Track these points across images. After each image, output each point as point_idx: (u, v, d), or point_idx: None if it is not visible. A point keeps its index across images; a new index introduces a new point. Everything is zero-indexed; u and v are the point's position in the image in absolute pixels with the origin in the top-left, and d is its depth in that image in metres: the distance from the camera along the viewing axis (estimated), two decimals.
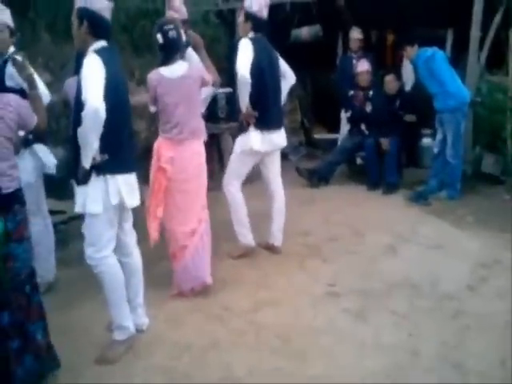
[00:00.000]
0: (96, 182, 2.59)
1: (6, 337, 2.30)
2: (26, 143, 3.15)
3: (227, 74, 6.86)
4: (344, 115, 6.60)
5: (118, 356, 2.80)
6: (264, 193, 4.22)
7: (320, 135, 7.91)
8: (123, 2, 5.95)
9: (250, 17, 3.82)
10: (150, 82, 3.27)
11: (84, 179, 2.56)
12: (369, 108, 6.14)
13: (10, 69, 3.17)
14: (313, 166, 6.32)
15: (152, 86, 3.26)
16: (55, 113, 3.29)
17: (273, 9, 3.98)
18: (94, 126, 2.44)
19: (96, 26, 2.60)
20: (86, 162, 2.52)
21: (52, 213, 3.78)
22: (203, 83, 3.41)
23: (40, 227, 3.39)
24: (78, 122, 2.49)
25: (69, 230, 4.38)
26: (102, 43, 2.62)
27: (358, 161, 6.26)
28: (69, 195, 4.71)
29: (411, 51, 5.35)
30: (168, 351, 2.89)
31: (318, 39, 7.27)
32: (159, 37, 3.21)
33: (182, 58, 3.37)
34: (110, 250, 2.73)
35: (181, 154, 3.33)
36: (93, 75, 2.49)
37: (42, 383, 2.53)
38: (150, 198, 3.35)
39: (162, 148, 3.34)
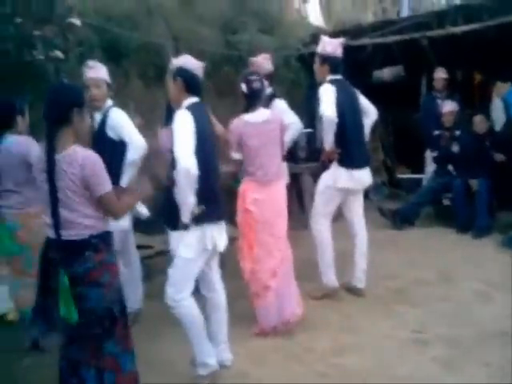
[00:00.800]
0: (193, 230, 2.71)
1: (70, 370, 2.34)
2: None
3: (307, 115, 7.01)
4: (429, 155, 6.40)
5: None
6: (346, 231, 4.14)
7: (403, 175, 7.71)
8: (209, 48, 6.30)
9: (326, 59, 3.87)
10: (234, 128, 3.39)
11: (184, 229, 2.69)
12: (455, 148, 5.91)
13: (110, 120, 3.42)
14: (396, 206, 6.15)
15: (236, 132, 3.37)
16: (146, 154, 3.47)
17: (354, 50, 4.02)
18: (187, 185, 2.58)
19: (190, 83, 2.80)
20: (186, 217, 2.64)
21: (139, 247, 3.94)
22: (283, 128, 3.51)
23: (128, 263, 3.58)
24: (172, 174, 2.64)
25: (154, 264, 4.53)
26: (194, 99, 2.80)
27: (445, 202, 6.00)
28: (156, 231, 4.93)
29: (503, 88, 5.15)
30: None
31: (399, 79, 7.21)
32: (244, 86, 3.36)
33: (264, 106, 3.53)
34: (189, 293, 2.80)
35: (265, 196, 3.39)
36: (183, 132, 2.64)
37: None
38: (242, 238, 3.44)
39: (247, 190, 3.43)
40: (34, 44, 4.30)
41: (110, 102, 3.54)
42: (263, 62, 4.12)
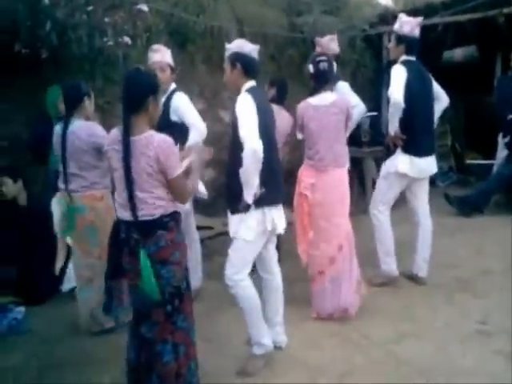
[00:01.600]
0: (254, 213, 2.75)
1: (140, 348, 2.46)
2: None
3: (372, 98, 6.83)
4: (502, 140, 6.05)
5: (256, 370, 2.87)
6: (409, 219, 4.03)
7: (473, 161, 7.36)
8: (273, 31, 6.26)
9: (403, 39, 3.73)
10: (298, 110, 3.43)
11: (245, 210, 2.73)
12: None
13: (174, 103, 3.51)
14: (464, 193, 5.89)
15: (300, 114, 3.42)
16: (209, 138, 3.54)
17: (424, 29, 3.84)
18: (254, 166, 2.61)
19: (248, 67, 2.80)
20: (249, 198, 2.68)
21: (199, 228, 4.05)
22: (349, 114, 3.44)
23: (189, 243, 3.65)
24: (235, 156, 2.68)
25: (214, 244, 4.64)
26: (252, 83, 2.81)
27: None
28: (216, 212, 5.05)
29: None
30: (305, 372, 2.88)
31: (472, 60, 6.84)
32: (310, 67, 3.34)
33: (332, 90, 3.49)
34: (247, 273, 2.85)
35: (322, 181, 3.37)
36: (248, 115, 2.66)
37: None
38: (298, 222, 3.45)
39: (304, 175, 3.44)
40: (105, 31, 4.47)
41: (173, 86, 3.63)
42: (329, 42, 4.04)
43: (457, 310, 3.54)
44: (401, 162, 3.75)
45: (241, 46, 2.82)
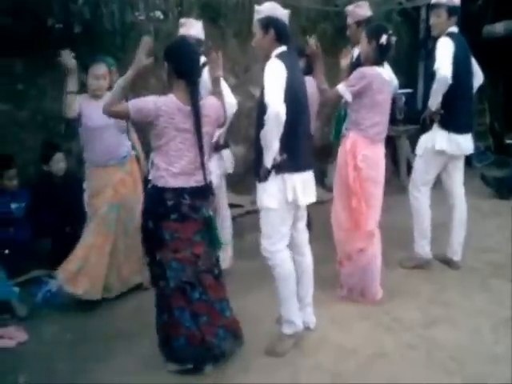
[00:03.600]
0: (274, 180, 2.69)
1: (196, 313, 2.59)
2: (216, 148, 3.48)
3: (408, 74, 6.62)
4: None
5: (285, 350, 2.87)
6: (444, 201, 3.92)
7: None
8: (305, 4, 6.09)
9: (454, 11, 3.57)
10: (367, 75, 3.17)
11: (264, 177, 2.69)
12: None
13: (203, 77, 3.45)
14: (502, 174, 5.70)
15: (367, 79, 3.15)
16: (236, 113, 3.49)
17: (463, 2, 3.65)
18: (275, 129, 2.55)
19: (282, 33, 2.71)
20: (268, 162, 2.63)
21: (230, 206, 4.03)
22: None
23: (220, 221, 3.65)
24: (261, 124, 2.61)
25: (245, 222, 4.63)
26: (283, 48, 2.71)
27: None
28: (246, 190, 5.03)
29: None
30: (334, 354, 2.87)
31: None
32: (384, 38, 3.15)
33: None
34: (284, 245, 2.81)
35: (374, 154, 3.28)
36: (274, 79, 2.59)
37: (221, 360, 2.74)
38: (351, 197, 3.25)
39: (358, 146, 3.24)
40: (137, 5, 4.43)
41: (202, 60, 3.57)
42: (356, 9, 3.88)
43: (491, 296, 3.46)
44: (439, 139, 3.63)
45: (273, 9, 2.71)
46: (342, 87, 3.23)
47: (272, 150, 2.60)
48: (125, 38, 4.43)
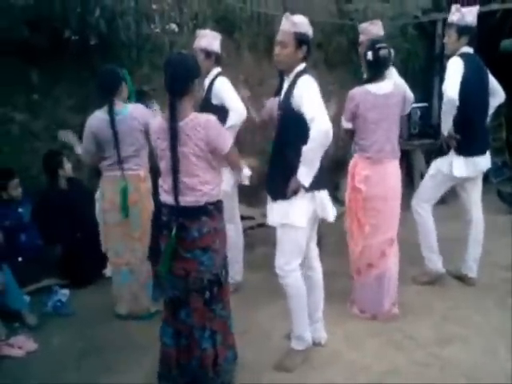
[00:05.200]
0: (304, 197, 2.64)
1: (179, 332, 2.50)
2: None
3: (423, 88, 6.58)
4: None
5: (295, 365, 2.82)
6: (459, 215, 3.86)
7: None
8: (321, 18, 6.11)
9: (465, 30, 3.48)
10: (353, 97, 3.22)
11: (293, 195, 2.61)
12: None
13: (215, 87, 3.48)
14: None
15: (354, 101, 3.21)
16: (252, 127, 3.48)
17: (480, 17, 3.60)
18: (322, 147, 2.50)
19: (310, 51, 2.68)
20: (307, 180, 2.55)
21: (242, 218, 4.01)
22: (405, 103, 3.32)
23: (232, 232, 3.60)
24: (284, 141, 2.63)
25: (256, 235, 4.60)
26: (304, 65, 2.66)
27: None
28: (258, 203, 5.01)
29: None
30: (344, 370, 2.81)
31: None
32: (370, 54, 3.17)
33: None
34: (298, 264, 2.76)
35: (377, 174, 3.23)
36: (315, 94, 2.53)
37: None
38: (350, 218, 3.34)
39: (358, 167, 3.28)
40: (152, 17, 4.48)
41: (217, 70, 3.60)
42: (369, 27, 3.87)
43: (507, 314, 3.36)
44: (456, 165, 3.57)
45: (309, 26, 2.67)
46: (342, 119, 3.33)
47: (315, 167, 2.54)
48: (140, 50, 4.48)
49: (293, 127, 2.57)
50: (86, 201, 3.64)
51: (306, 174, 2.54)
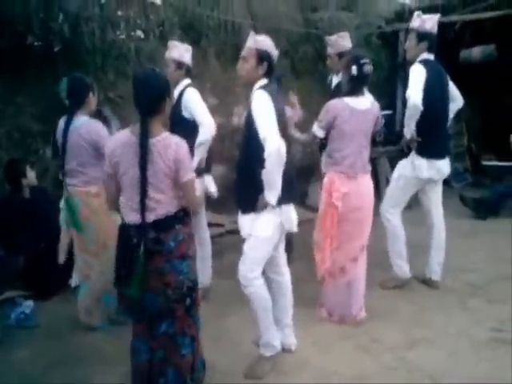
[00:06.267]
0: (272, 211, 2.69)
1: (154, 348, 2.44)
2: (198, 173, 3.36)
3: (387, 96, 6.72)
4: None
5: (264, 372, 2.82)
6: (423, 221, 3.95)
7: (489, 162, 7.24)
8: (287, 27, 6.18)
9: (424, 36, 3.59)
10: (331, 108, 3.23)
11: (262, 210, 2.68)
12: None
13: (185, 99, 3.46)
14: (479, 195, 5.79)
15: (332, 112, 3.22)
16: (220, 134, 3.47)
17: (441, 27, 3.73)
18: (278, 167, 2.55)
19: (272, 69, 2.75)
20: (273, 199, 2.61)
21: (210, 225, 4.00)
22: (377, 120, 3.35)
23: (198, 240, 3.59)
24: (248, 154, 2.67)
25: (225, 242, 4.59)
26: (266, 81, 2.74)
27: None
28: (226, 210, 5.00)
29: None
30: (314, 376, 2.82)
31: (491, 60, 6.70)
32: (354, 69, 3.17)
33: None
34: (260, 272, 2.78)
35: (354, 189, 3.25)
36: (267, 113, 2.58)
37: None
38: (322, 231, 3.32)
39: (335, 184, 3.27)
40: (117, 24, 4.43)
41: (186, 81, 3.58)
42: (339, 40, 3.94)
43: (471, 316, 3.46)
44: (417, 166, 3.67)
45: (271, 47, 2.75)
46: (314, 126, 3.34)
47: (277, 187, 2.59)
48: (105, 57, 4.42)
49: (254, 142, 2.60)
50: (50, 210, 3.55)
51: (271, 194, 2.61)
